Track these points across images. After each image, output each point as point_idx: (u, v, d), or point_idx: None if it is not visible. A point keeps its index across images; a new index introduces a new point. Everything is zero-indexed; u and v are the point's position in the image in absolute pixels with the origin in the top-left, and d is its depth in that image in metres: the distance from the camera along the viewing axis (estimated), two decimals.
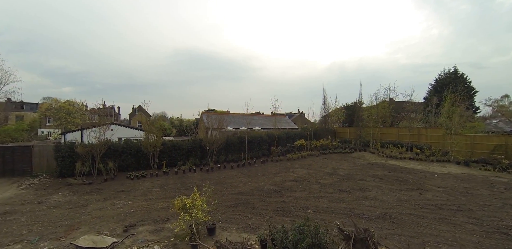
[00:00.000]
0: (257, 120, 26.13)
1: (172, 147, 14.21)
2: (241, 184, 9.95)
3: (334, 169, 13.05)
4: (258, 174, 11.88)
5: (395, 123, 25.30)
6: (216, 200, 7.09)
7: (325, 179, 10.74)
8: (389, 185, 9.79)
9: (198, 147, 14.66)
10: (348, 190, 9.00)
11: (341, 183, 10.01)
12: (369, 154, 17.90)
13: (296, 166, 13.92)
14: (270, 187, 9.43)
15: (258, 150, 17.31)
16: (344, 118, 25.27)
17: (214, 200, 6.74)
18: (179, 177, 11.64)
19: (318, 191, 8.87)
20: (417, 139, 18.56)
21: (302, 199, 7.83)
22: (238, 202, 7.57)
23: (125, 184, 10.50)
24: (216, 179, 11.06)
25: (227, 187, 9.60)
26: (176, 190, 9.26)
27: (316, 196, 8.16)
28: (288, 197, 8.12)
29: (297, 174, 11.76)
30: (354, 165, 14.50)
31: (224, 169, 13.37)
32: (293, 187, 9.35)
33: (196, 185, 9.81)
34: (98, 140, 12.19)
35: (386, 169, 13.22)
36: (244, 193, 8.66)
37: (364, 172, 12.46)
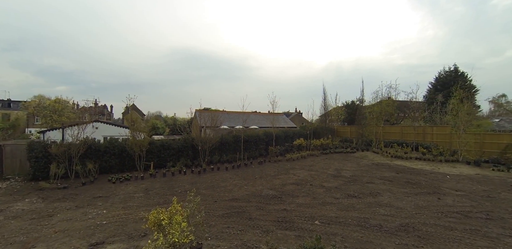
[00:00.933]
0: (254, 118, 25.02)
1: (161, 146, 13.01)
2: (236, 188, 8.83)
3: (337, 170, 12.01)
4: (255, 176, 10.77)
5: (397, 122, 24.44)
6: (203, 211, 5.96)
7: (329, 182, 9.68)
8: (401, 189, 8.78)
9: (189, 147, 13.49)
10: (357, 194, 7.95)
11: (348, 187, 8.96)
12: (373, 154, 16.93)
13: (296, 167, 12.84)
14: (268, 191, 8.32)
15: (255, 150, 16.20)
16: (344, 117, 24.30)
17: (201, 212, 5.58)
18: (167, 180, 10.46)
19: (323, 196, 7.80)
20: (422, 137, 17.65)
21: (306, 206, 6.74)
22: (232, 211, 6.44)
23: (105, 188, 9.29)
24: (208, 182, 9.92)
25: (220, 191, 8.47)
26: (161, 196, 8.10)
27: (322, 203, 7.08)
28: (290, 204, 7.02)
29: (298, 176, 10.68)
30: (358, 165, 13.49)
31: (218, 170, 12.23)
32: (294, 192, 8.27)
33: (184, 189, 8.69)
34: (76, 138, 10.95)
35: (393, 170, 12.24)
36: (239, 199, 7.54)
37: (370, 173, 11.45)
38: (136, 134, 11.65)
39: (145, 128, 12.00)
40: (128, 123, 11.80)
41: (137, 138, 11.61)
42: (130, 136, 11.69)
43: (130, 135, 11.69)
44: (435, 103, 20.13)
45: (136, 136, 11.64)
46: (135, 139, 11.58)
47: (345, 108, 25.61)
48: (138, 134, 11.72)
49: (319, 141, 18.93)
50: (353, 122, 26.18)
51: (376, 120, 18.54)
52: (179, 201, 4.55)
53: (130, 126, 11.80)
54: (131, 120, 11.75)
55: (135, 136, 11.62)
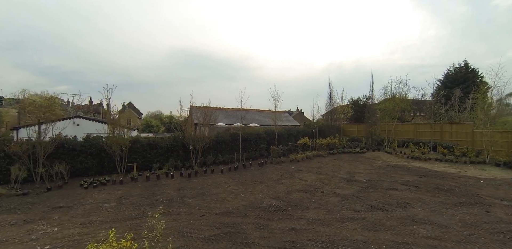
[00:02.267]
0: (254, 116, 23.37)
1: (147, 145, 11.39)
2: (230, 197, 7.19)
3: (350, 173, 10.36)
4: (255, 181, 9.13)
5: (409, 121, 22.75)
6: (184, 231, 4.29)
7: (343, 188, 8.03)
8: (433, 197, 7.12)
9: (180, 146, 11.86)
10: (382, 205, 6.30)
11: (367, 195, 7.31)
12: (385, 154, 15.27)
13: (302, 170, 11.19)
14: (271, 201, 6.68)
15: (255, 150, 14.57)
16: (351, 114, 22.63)
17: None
18: (150, 184, 8.84)
19: (339, 208, 6.15)
20: (440, 136, 15.97)
21: (321, 224, 5.10)
22: (223, 231, 4.80)
23: (72, 195, 7.68)
24: (197, 188, 8.28)
25: (211, 201, 6.83)
26: (136, 207, 6.47)
27: (340, 218, 5.43)
28: (299, 219, 5.37)
29: (305, 181, 9.03)
30: (372, 167, 11.83)
31: (212, 173, 10.60)
32: (303, 202, 6.62)
33: (167, 197, 7.07)
34: (44, 135, 9.36)
35: (414, 173, 10.58)
36: (234, 212, 5.89)
37: (389, 177, 9.80)
38: (116, 130, 10.04)
39: (128, 124, 10.35)
40: (107, 118, 10.18)
41: (117, 135, 9.99)
42: (109, 133, 10.08)
43: (109, 131, 10.08)
44: (452, 99, 18.43)
45: (115, 133, 10.02)
46: (114, 136, 9.97)
47: (352, 105, 23.95)
48: (119, 130, 10.10)
49: (326, 140, 17.28)
50: (360, 120, 24.52)
51: (388, 117, 16.87)
52: (153, 214, 2.89)
53: (108, 120, 10.18)
54: (109, 114, 10.13)
55: (115, 133, 10.00)
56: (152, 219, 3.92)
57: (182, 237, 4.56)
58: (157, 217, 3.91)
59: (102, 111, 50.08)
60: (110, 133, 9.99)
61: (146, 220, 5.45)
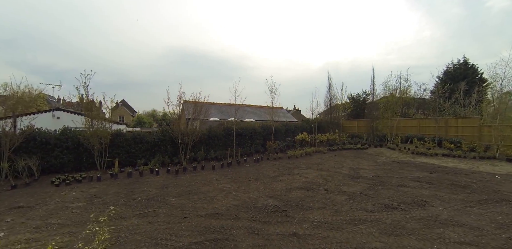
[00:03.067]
0: (249, 111, 22.43)
1: (132, 139, 10.36)
2: (220, 195, 6.23)
3: (353, 170, 9.48)
4: (249, 178, 8.18)
5: (409, 116, 22.02)
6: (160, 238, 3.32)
7: (349, 185, 7.13)
8: (451, 194, 6.26)
9: (168, 140, 10.85)
10: (397, 204, 5.41)
11: (377, 192, 6.41)
12: (388, 150, 14.45)
13: (301, 166, 10.28)
14: (267, 200, 5.74)
15: (250, 145, 13.63)
16: (351, 110, 21.82)
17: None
18: (131, 182, 7.82)
19: (348, 207, 5.23)
20: (445, 131, 15.21)
21: (328, 228, 4.17)
22: (207, 238, 3.84)
23: (39, 194, 6.64)
24: (184, 185, 7.30)
25: (197, 200, 5.86)
26: (108, 207, 5.47)
27: (350, 220, 4.51)
28: (302, 222, 4.44)
29: (305, 178, 8.12)
30: (376, 163, 10.98)
31: (202, 169, 9.62)
32: (305, 201, 5.69)
33: (148, 196, 6.09)
34: (11, 126, 8.30)
35: (422, 168, 9.75)
36: (223, 213, 4.93)
37: (396, 173, 8.94)
38: (96, 122, 8.99)
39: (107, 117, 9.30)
40: (85, 108, 9.11)
41: (95, 127, 8.95)
42: (86, 125, 9.03)
43: (86, 123, 9.03)
44: (457, 92, 17.72)
45: (94, 125, 8.97)
46: (92, 127, 8.93)
47: (352, 101, 23.15)
48: (98, 123, 9.05)
49: (325, 135, 16.42)
50: (359, 116, 23.75)
51: (391, 111, 16.06)
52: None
53: (86, 112, 9.11)
54: (86, 103, 9.05)
55: (93, 125, 8.95)
56: (94, 226, 2.96)
57: (154, 245, 3.60)
58: (104, 222, 2.94)
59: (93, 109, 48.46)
60: (88, 124, 8.94)
61: (116, 222, 4.48)
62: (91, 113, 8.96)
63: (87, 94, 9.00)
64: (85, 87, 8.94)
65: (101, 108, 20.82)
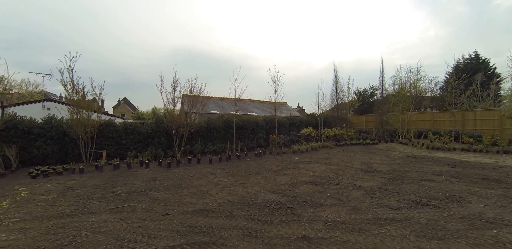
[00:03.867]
0: (252, 106, 21.49)
1: (124, 130, 9.55)
2: (214, 190, 5.33)
3: (366, 164, 8.51)
4: (249, 172, 7.28)
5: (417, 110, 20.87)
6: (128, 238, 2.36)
7: (364, 180, 6.18)
8: (486, 189, 5.27)
9: (163, 132, 10.01)
10: (426, 200, 4.44)
11: (399, 187, 5.45)
12: (401, 145, 13.40)
13: (307, 160, 9.34)
14: (269, 196, 4.83)
15: (252, 139, 12.73)
16: (358, 105, 20.76)
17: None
18: (117, 174, 6.98)
19: (367, 204, 4.28)
20: (461, 125, 14.12)
21: (347, 229, 3.24)
22: (189, 241, 2.94)
23: (10, 185, 5.83)
24: (175, 179, 6.43)
25: (186, 195, 4.97)
26: (80, 200, 4.62)
27: (374, 219, 3.57)
28: (312, 222, 3.51)
29: (313, 172, 7.18)
30: (390, 158, 9.98)
31: (198, 163, 8.75)
32: (314, 196, 4.75)
33: (129, 190, 5.24)
34: None
35: (442, 163, 8.72)
36: (214, 210, 4.03)
37: (414, 167, 7.95)
38: (80, 110, 8.17)
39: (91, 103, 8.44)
40: (68, 96, 8.28)
41: (81, 117, 8.13)
42: (70, 113, 8.23)
43: (70, 112, 8.23)
44: (473, 84, 16.58)
45: (79, 114, 8.16)
46: (78, 118, 8.12)
47: (360, 95, 22.10)
48: (83, 111, 8.23)
49: (332, 130, 15.44)
50: (366, 112, 22.68)
51: (402, 104, 15.00)
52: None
53: (71, 100, 8.27)
54: (71, 87, 8.19)
55: (78, 114, 8.14)
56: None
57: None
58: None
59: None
60: (71, 112, 8.13)
61: (81, 218, 3.62)
62: (74, 100, 8.13)
63: (72, 79, 8.18)
64: (69, 70, 8.12)
65: (103, 107, 19.64)
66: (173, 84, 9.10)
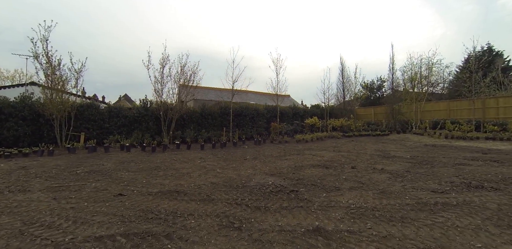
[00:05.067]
0: (253, 97, 20.40)
1: (108, 113, 8.51)
2: (197, 172, 4.24)
3: (381, 151, 7.36)
4: (246, 157, 6.19)
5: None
6: None
7: (384, 164, 5.03)
8: None
9: (151, 116, 8.95)
10: (478, 182, 3.28)
11: (431, 170, 4.29)
12: (415, 136, 12.16)
13: (313, 148, 8.21)
14: (266, 178, 3.72)
15: (251, 128, 11.62)
16: (366, 96, 19.51)
17: None
18: (90, 156, 5.92)
19: (399, 187, 3.14)
20: (482, 114, 12.84)
21: (382, 218, 2.11)
22: (130, 231, 1.85)
23: None
24: (155, 162, 5.35)
25: (160, 177, 3.88)
26: (24, 179, 3.57)
27: (418, 204, 2.43)
28: (327, 209, 2.39)
29: (321, 157, 6.06)
30: (406, 147, 8.79)
31: (188, 149, 7.67)
32: (326, 180, 3.62)
33: (91, 170, 4.17)
34: None
35: (470, 150, 7.50)
36: (186, 192, 2.93)
37: (439, 154, 6.74)
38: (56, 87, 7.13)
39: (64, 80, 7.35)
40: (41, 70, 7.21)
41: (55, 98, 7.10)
42: (44, 93, 7.21)
43: (43, 91, 7.21)
44: (494, 71, 15.25)
45: (52, 90, 7.13)
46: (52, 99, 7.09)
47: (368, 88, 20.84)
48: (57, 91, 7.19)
49: (339, 121, 14.25)
50: (374, 105, 21.40)
51: (416, 94, 13.76)
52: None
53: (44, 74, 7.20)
54: (45, 59, 7.12)
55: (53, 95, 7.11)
56: None
57: (16, 236, 1.65)
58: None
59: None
60: (44, 90, 7.12)
61: (5, 196, 2.56)
62: (48, 77, 7.09)
63: (46, 51, 7.14)
64: (43, 41, 7.09)
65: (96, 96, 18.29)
66: (162, 61, 8.01)
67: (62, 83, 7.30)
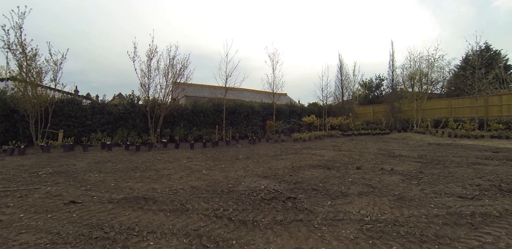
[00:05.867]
0: (248, 96, 19.82)
1: (91, 109, 7.88)
2: (179, 174, 3.66)
3: (385, 150, 6.85)
4: (238, 157, 5.62)
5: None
6: None
7: (392, 164, 4.50)
8: None
9: (138, 113, 8.33)
10: (507, 184, 2.76)
11: (447, 171, 3.77)
12: (417, 135, 11.71)
13: (311, 147, 7.67)
14: (258, 181, 3.16)
15: (246, 126, 11.05)
16: (364, 94, 19.07)
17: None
18: (63, 155, 5.30)
19: (418, 192, 2.60)
20: (484, 112, 12.43)
21: (413, 239, 1.57)
22: None
23: None
24: (136, 162, 4.76)
25: (135, 179, 3.30)
26: None
27: (450, 216, 1.89)
28: (336, 225, 1.84)
29: (321, 156, 5.52)
30: (410, 146, 8.31)
31: (177, 148, 7.07)
32: (329, 183, 3.07)
33: (57, 171, 3.55)
34: None
35: (478, 149, 7.02)
36: (157, 199, 2.35)
37: (447, 153, 6.23)
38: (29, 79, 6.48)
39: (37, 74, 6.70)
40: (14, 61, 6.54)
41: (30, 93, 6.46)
42: (16, 86, 6.56)
43: (16, 85, 6.56)
44: (497, 68, 14.90)
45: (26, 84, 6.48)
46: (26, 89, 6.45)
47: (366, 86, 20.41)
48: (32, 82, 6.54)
49: (337, 119, 13.76)
50: (373, 103, 20.98)
51: (419, 90, 13.33)
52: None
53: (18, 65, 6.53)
54: (20, 48, 6.46)
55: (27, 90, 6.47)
56: None
57: None
58: None
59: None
60: (17, 84, 6.47)
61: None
62: (23, 69, 6.43)
63: (20, 40, 6.48)
64: (16, 29, 6.44)
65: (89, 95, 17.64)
66: (149, 53, 7.39)
67: (38, 75, 6.65)
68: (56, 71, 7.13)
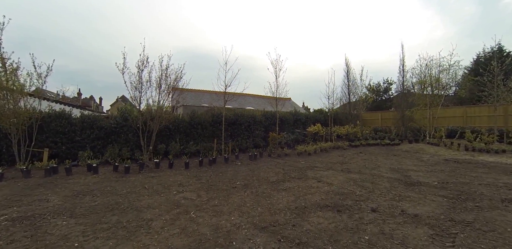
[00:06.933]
0: (251, 100, 19.28)
1: (80, 123, 7.42)
2: (162, 220, 3.10)
3: (398, 171, 6.19)
4: (235, 184, 5.04)
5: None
6: None
7: (411, 200, 3.86)
8: None
9: (131, 127, 7.81)
10: None
11: (481, 215, 3.13)
12: (430, 146, 10.95)
13: (317, 166, 7.04)
14: (253, 239, 2.58)
15: (247, 138, 10.48)
16: (372, 100, 18.33)
17: None
18: (41, 183, 4.80)
19: None
20: (504, 121, 11.64)
21: None
22: None
23: None
24: (120, 192, 4.22)
25: (105, 230, 2.75)
26: None
27: None
28: None
29: (329, 184, 4.90)
30: (424, 163, 7.62)
31: (170, 168, 6.53)
32: (340, 241, 2.48)
33: (25, 216, 2.99)
34: None
35: (504, 170, 6.31)
36: None
37: (469, 177, 5.57)
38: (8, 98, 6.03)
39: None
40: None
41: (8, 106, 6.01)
42: None
43: None
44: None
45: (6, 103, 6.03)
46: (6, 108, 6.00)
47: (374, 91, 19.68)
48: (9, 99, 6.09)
49: (344, 128, 13.10)
50: (380, 109, 20.25)
51: (430, 98, 12.58)
52: None
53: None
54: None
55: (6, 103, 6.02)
56: None
57: None
58: None
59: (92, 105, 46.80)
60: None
61: None
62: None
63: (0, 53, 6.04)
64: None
65: (102, 105, 17.46)
66: (139, 64, 6.89)
67: (20, 91, 6.21)
68: (41, 85, 6.70)
